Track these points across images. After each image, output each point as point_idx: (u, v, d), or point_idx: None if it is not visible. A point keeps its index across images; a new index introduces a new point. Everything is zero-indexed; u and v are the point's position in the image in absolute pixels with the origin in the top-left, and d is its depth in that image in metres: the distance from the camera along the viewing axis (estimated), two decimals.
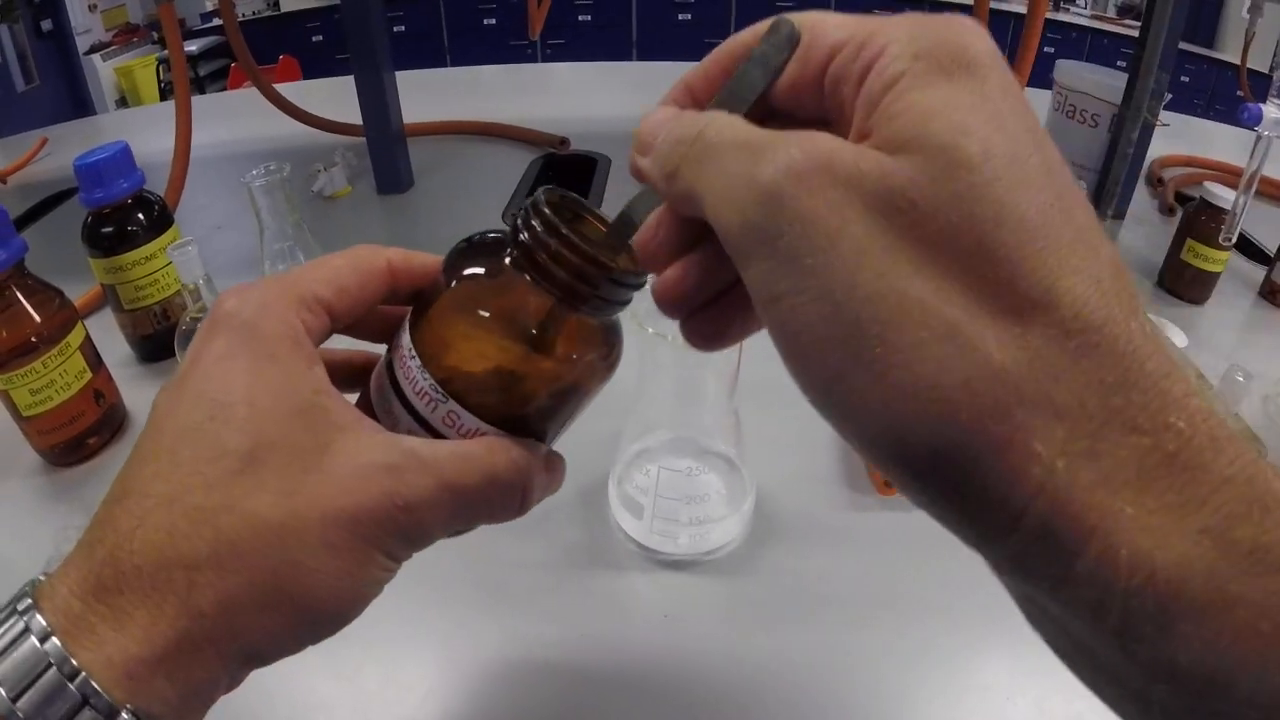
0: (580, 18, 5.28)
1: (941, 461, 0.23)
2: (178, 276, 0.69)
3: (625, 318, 0.39)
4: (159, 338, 0.86)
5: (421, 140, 1.48)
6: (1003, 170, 0.23)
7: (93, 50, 4.52)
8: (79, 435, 0.74)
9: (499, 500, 0.34)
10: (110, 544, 0.29)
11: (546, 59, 5.18)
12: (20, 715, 0.26)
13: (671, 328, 0.53)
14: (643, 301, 0.55)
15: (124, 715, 0.27)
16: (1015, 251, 0.23)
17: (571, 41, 5.27)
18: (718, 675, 0.55)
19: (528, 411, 0.35)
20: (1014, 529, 0.23)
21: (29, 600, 0.28)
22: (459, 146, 1.50)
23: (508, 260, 0.33)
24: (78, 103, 4.43)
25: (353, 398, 0.36)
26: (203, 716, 0.30)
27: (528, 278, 0.33)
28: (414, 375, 0.34)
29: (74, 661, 0.27)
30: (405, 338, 0.35)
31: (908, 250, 0.23)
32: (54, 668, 0.26)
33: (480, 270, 0.34)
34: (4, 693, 0.26)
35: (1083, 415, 0.22)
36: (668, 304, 0.32)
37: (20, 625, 0.27)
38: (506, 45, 5.19)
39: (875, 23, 0.26)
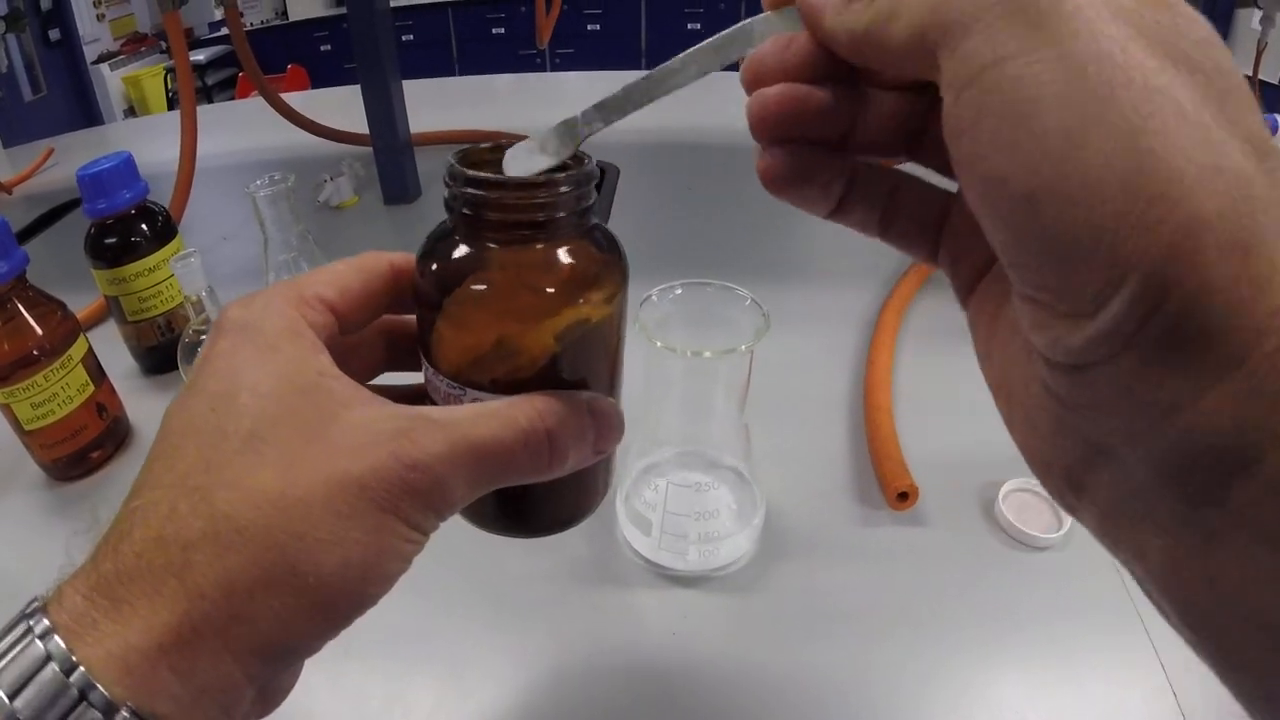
0: (589, 27, 5.29)
1: (1180, 253, 0.20)
2: (181, 288, 0.68)
3: (632, 331, 0.38)
4: (163, 349, 0.86)
5: (429, 150, 1.47)
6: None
7: (101, 59, 4.54)
8: (82, 449, 0.73)
9: (524, 452, 0.31)
10: (114, 538, 0.28)
11: (556, 68, 5.19)
12: (18, 713, 0.25)
13: (680, 339, 0.53)
14: (652, 313, 0.55)
15: (123, 712, 0.25)
16: (1243, 97, 0.22)
17: (581, 50, 5.28)
18: (726, 693, 0.55)
19: (547, 368, 0.33)
20: (1245, 357, 0.20)
21: (37, 604, 0.27)
22: None
23: (453, 235, 0.33)
24: (86, 112, 4.45)
25: None
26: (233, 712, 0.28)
27: (467, 237, 0.33)
28: (434, 383, 0.34)
29: (73, 658, 0.25)
30: (419, 347, 0.35)
31: (1153, 50, 0.22)
32: (53, 664, 0.25)
33: (432, 254, 0.34)
34: (2, 693, 0.25)
35: None
36: (766, 118, 0.30)
37: (24, 627, 0.26)
38: (515, 54, 5.19)
39: None
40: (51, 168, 1.52)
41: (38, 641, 0.26)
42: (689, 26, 5.29)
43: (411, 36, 5.21)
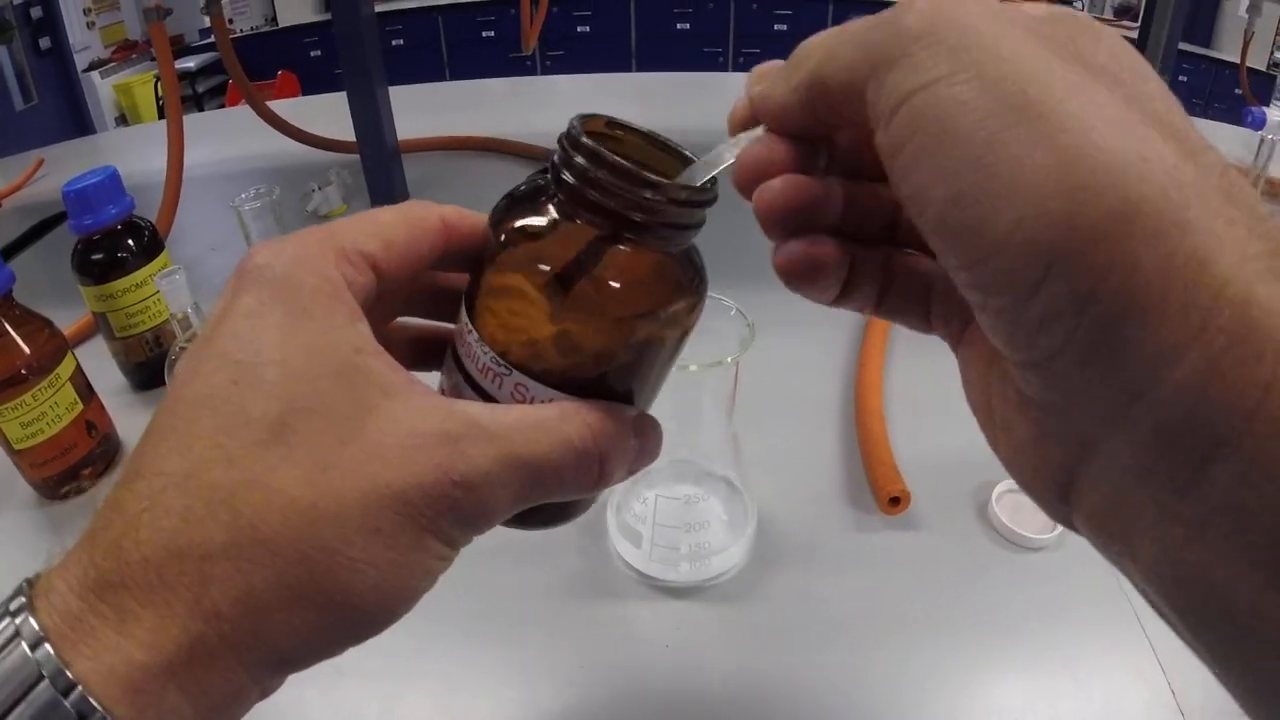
0: (579, 29, 5.28)
1: (1116, 232, 0.20)
2: (167, 305, 0.68)
3: None
4: (152, 365, 0.85)
5: (418, 156, 1.47)
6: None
7: (92, 67, 4.53)
8: (72, 467, 0.73)
9: (573, 471, 0.29)
10: (115, 531, 0.25)
11: (546, 70, 5.18)
12: None
13: None
14: None
15: None
16: (1166, 99, 0.24)
17: (571, 53, 5.27)
18: (721, 704, 0.54)
19: (604, 373, 0.31)
20: (1199, 334, 0.20)
21: (23, 599, 0.24)
22: (456, 162, 1.49)
23: (551, 206, 0.30)
24: (77, 120, 4.44)
25: (430, 380, 0.32)
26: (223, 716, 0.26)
27: (573, 219, 0.30)
28: (474, 351, 0.31)
29: (69, 673, 0.23)
30: (462, 310, 0.32)
31: (1070, 64, 0.23)
32: (46, 681, 0.22)
33: (522, 222, 0.31)
34: None
35: (1256, 233, 0.20)
36: (775, 209, 0.30)
37: (11, 629, 0.23)
38: (506, 57, 5.18)
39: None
40: (42, 178, 1.51)
41: (26, 649, 0.23)
42: (678, 27, 5.29)
43: (401, 40, 5.20)
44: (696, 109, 1.79)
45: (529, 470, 0.28)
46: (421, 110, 1.71)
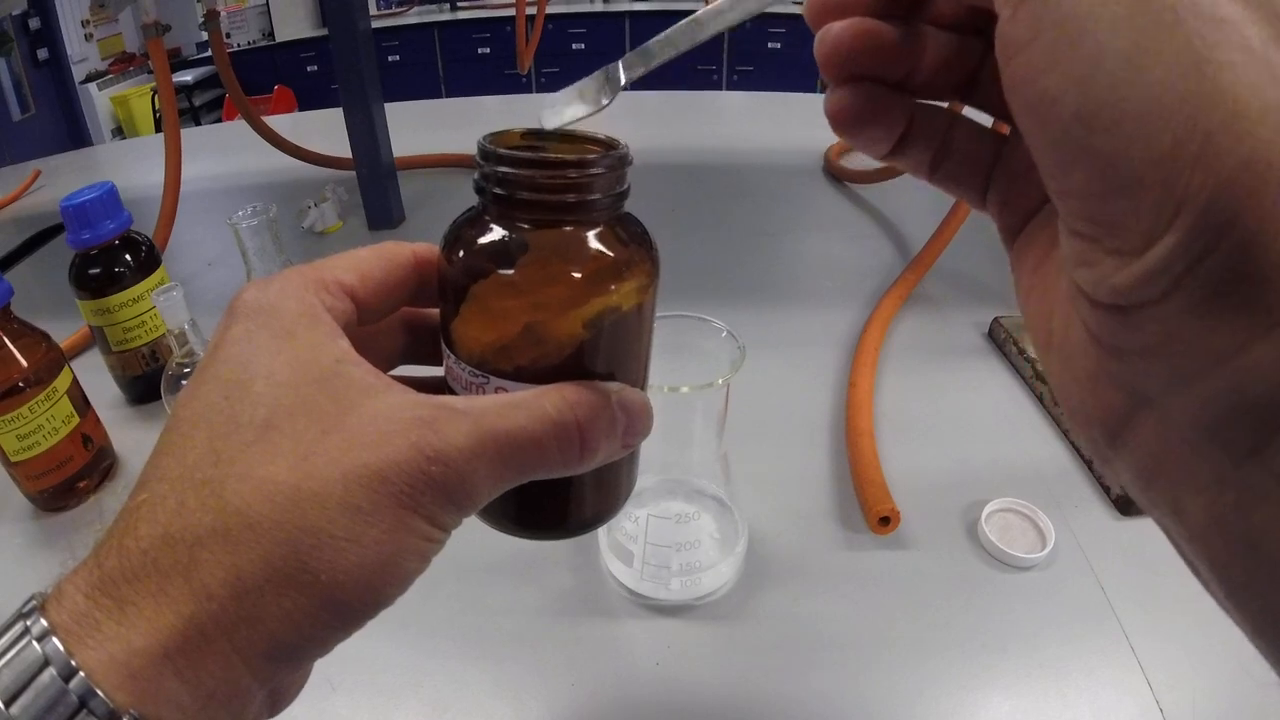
0: (574, 46, 5.31)
1: (1241, 190, 0.19)
2: (164, 321, 0.68)
3: None
4: (149, 379, 0.86)
5: (414, 173, 1.48)
6: None
7: (89, 79, 4.54)
8: (68, 479, 0.73)
9: (554, 442, 0.30)
10: (118, 533, 0.26)
11: (541, 88, 5.20)
12: None
13: (657, 372, 0.53)
14: None
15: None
16: None
17: (566, 70, 5.27)
18: None
19: (575, 357, 0.32)
20: None
21: (34, 603, 0.26)
22: (452, 179, 1.50)
23: (484, 216, 0.32)
24: (74, 132, 4.45)
25: None
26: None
27: (500, 220, 0.31)
28: (456, 372, 0.33)
29: (73, 662, 0.24)
30: (441, 342, 0.33)
31: None
32: (51, 668, 0.24)
33: (463, 238, 0.32)
34: None
35: None
36: (837, 52, 0.29)
37: (21, 628, 0.25)
38: (502, 74, 5.21)
39: None
40: (39, 190, 1.52)
41: (35, 644, 0.24)
42: None
43: (397, 57, 5.22)
44: (691, 127, 1.81)
45: (507, 443, 0.28)
46: (417, 127, 1.72)
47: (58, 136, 4.27)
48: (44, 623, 0.25)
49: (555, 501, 0.36)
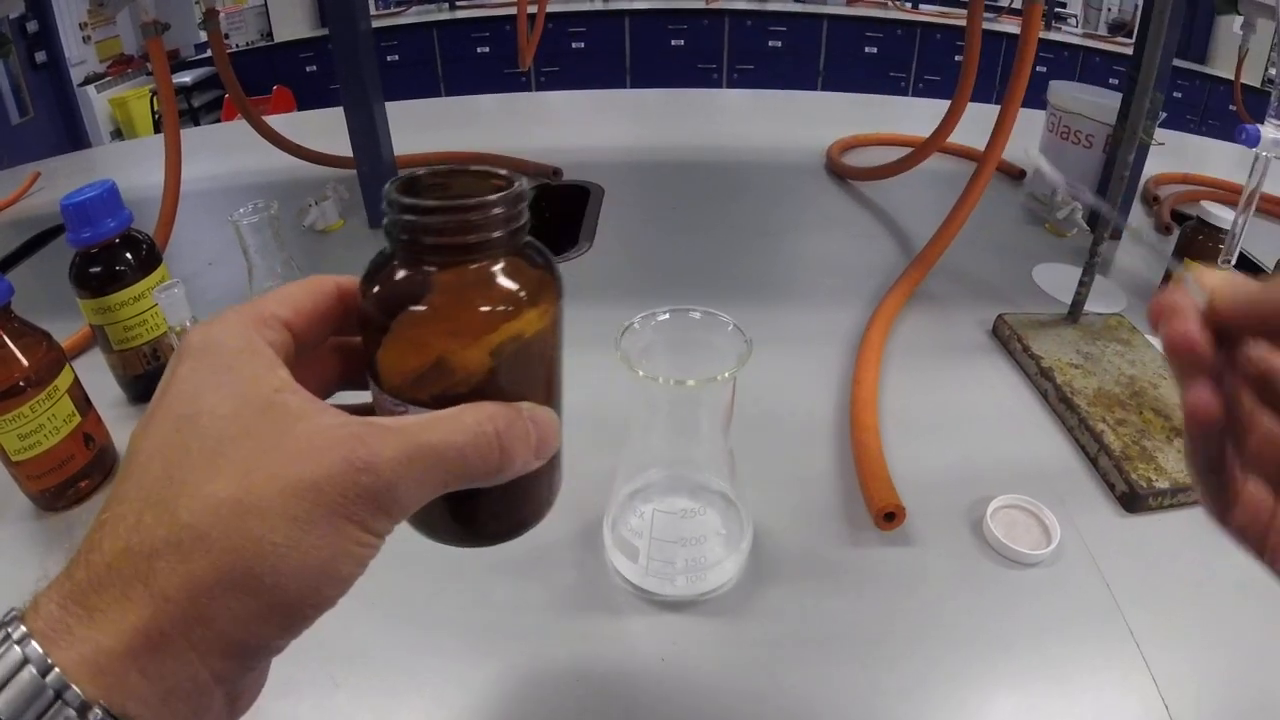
0: (574, 45, 5.31)
1: None
2: (165, 319, 0.68)
3: (614, 359, 0.38)
4: (150, 378, 0.85)
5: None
6: None
7: (87, 81, 4.53)
8: (70, 478, 0.73)
9: (475, 451, 0.33)
10: (85, 549, 0.29)
11: (541, 87, 5.20)
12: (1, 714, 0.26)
13: (664, 366, 0.53)
14: (635, 342, 0.55)
15: (96, 710, 0.27)
16: None
17: (565, 69, 5.29)
18: (716, 718, 0.55)
19: (487, 381, 0.35)
20: None
21: (15, 613, 0.29)
22: None
23: (392, 255, 0.35)
24: (73, 134, 4.44)
25: None
26: (206, 714, 0.30)
27: (403, 263, 0.34)
28: (379, 399, 0.35)
29: (49, 660, 0.27)
30: (367, 374, 0.36)
31: None
32: (30, 666, 0.27)
33: (373, 278, 0.35)
34: None
35: None
36: (1193, 345, 0.34)
37: (3, 634, 0.28)
38: (501, 74, 5.21)
39: None
40: (38, 192, 1.51)
41: (15, 646, 0.27)
42: (673, 44, 5.32)
43: (397, 56, 5.22)
44: (692, 125, 1.81)
45: (430, 453, 0.31)
46: (417, 125, 1.72)
47: (57, 139, 4.26)
48: (23, 629, 0.28)
49: (480, 510, 0.39)
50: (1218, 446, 0.35)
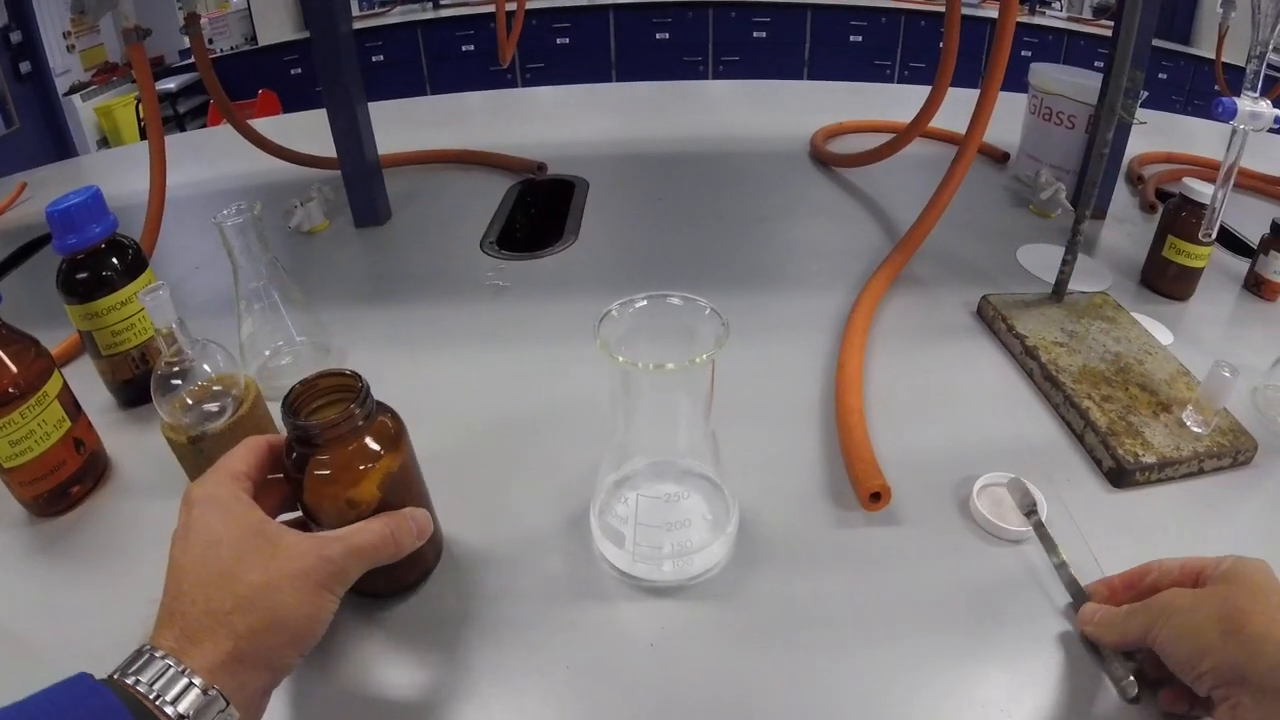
0: (559, 40, 5.30)
1: None
2: (151, 321, 0.68)
3: (594, 345, 0.38)
4: (139, 382, 0.86)
5: (399, 171, 1.48)
6: None
7: (72, 90, 4.51)
8: (61, 485, 0.73)
9: (382, 546, 0.54)
10: (173, 614, 0.47)
11: (527, 83, 5.19)
12: (155, 697, 0.43)
13: (644, 352, 0.53)
14: (615, 329, 0.55)
15: (213, 691, 0.44)
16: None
17: (550, 65, 5.29)
18: (706, 702, 0.55)
19: (379, 501, 0.56)
20: None
21: (148, 645, 0.45)
22: (436, 176, 1.50)
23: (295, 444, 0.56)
24: (59, 144, 4.42)
25: None
26: (257, 704, 0.48)
27: (306, 450, 0.55)
28: (310, 526, 0.57)
29: (183, 668, 0.44)
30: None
31: None
32: (173, 669, 0.44)
33: (290, 452, 0.56)
34: (158, 688, 0.43)
35: None
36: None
37: (148, 656, 0.45)
38: (486, 71, 5.20)
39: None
40: (25, 201, 1.51)
41: (155, 657, 0.44)
42: (658, 37, 5.31)
43: (381, 56, 5.20)
44: (678, 116, 1.81)
45: (359, 549, 0.53)
46: (402, 125, 1.72)
47: (43, 149, 4.24)
48: (160, 652, 0.45)
49: (391, 575, 0.60)
50: None
